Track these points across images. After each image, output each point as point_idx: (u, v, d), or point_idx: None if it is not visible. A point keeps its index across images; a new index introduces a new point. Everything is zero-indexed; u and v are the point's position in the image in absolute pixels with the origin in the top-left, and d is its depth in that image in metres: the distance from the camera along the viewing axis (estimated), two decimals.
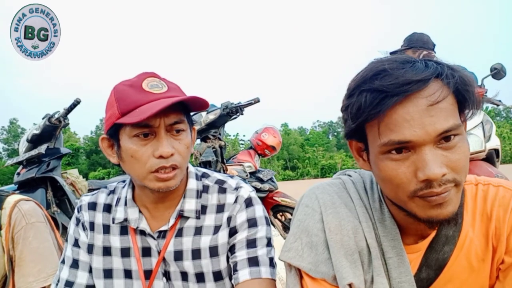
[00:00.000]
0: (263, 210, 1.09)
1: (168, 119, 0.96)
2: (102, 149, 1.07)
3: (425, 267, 0.85)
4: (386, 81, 0.70)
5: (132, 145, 0.97)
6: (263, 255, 1.02)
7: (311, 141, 48.91)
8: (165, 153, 0.95)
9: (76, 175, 2.98)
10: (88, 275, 1.10)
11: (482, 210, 0.84)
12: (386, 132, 0.71)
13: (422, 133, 0.69)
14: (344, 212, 0.87)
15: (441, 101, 0.69)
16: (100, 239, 1.09)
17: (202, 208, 1.07)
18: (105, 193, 1.15)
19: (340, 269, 0.82)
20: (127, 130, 0.97)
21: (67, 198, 2.73)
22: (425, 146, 0.70)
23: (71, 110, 2.74)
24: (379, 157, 0.75)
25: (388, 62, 0.73)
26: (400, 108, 0.70)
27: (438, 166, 0.69)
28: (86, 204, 1.14)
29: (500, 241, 0.81)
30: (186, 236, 1.05)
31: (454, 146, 0.71)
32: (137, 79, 1.01)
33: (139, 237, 1.07)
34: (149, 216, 1.08)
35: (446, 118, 0.69)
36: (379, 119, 0.71)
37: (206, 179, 1.13)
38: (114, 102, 0.98)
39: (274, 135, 4.45)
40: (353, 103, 0.75)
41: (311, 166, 37.78)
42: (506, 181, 0.87)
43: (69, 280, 1.09)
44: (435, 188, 0.70)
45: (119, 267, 1.07)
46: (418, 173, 0.70)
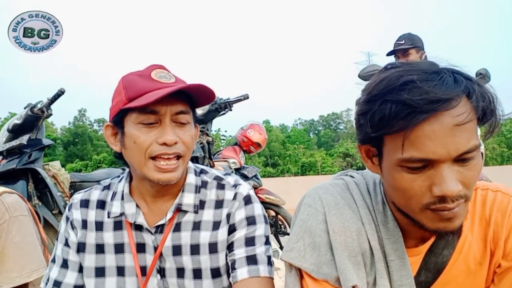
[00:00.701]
0: (261, 208, 1.09)
1: (174, 107, 0.97)
2: (105, 137, 1.06)
3: (424, 270, 0.86)
4: (415, 95, 0.67)
5: (136, 131, 0.96)
6: (262, 253, 1.02)
7: (292, 139, 49.18)
8: (169, 140, 0.95)
9: (58, 167, 2.90)
10: (77, 275, 1.08)
11: (481, 215, 0.85)
12: (408, 148, 0.69)
13: (444, 153, 0.68)
14: (347, 213, 0.87)
15: (468, 122, 0.68)
16: (93, 237, 1.07)
17: (200, 203, 1.07)
18: (99, 189, 1.13)
19: (344, 270, 0.81)
20: (132, 116, 0.97)
21: (49, 191, 2.66)
22: (444, 164, 0.69)
23: (55, 100, 2.65)
24: (396, 168, 0.73)
25: (416, 73, 0.70)
26: (426, 125, 0.67)
27: (455, 184, 0.69)
28: (77, 202, 1.12)
29: (498, 245, 0.83)
30: (185, 230, 1.04)
31: (469, 164, 0.71)
32: (146, 69, 1.01)
33: (134, 232, 1.06)
34: (146, 210, 1.06)
35: (468, 139, 0.69)
36: (404, 134, 0.69)
37: (204, 175, 1.13)
38: (121, 90, 0.98)
39: (260, 132, 4.45)
40: (375, 111, 0.72)
41: (291, 164, 38.02)
42: (504, 186, 0.88)
43: (58, 280, 1.08)
44: (448, 204, 0.71)
45: (112, 264, 1.06)
46: (434, 188, 0.70)
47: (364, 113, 0.75)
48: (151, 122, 0.96)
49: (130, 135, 0.97)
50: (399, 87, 0.69)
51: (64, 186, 2.84)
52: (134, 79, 0.99)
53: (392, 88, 0.70)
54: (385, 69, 0.77)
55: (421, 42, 3.00)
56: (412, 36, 3.01)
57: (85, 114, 60.18)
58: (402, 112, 0.67)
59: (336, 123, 71.83)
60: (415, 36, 3.02)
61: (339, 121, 71.82)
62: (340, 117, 71.85)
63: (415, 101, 0.66)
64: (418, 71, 0.70)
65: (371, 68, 2.72)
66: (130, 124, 0.97)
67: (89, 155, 44.67)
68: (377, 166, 0.81)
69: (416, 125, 0.67)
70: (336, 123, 71.83)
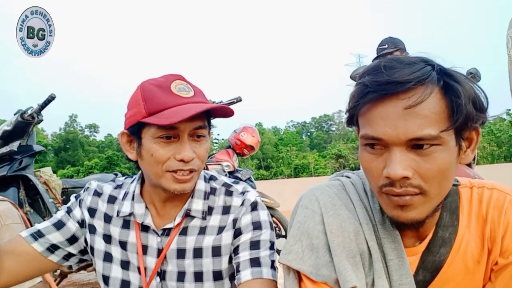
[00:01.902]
0: (267, 215, 1.10)
1: (193, 124, 0.98)
2: (121, 144, 1.07)
3: (422, 269, 0.85)
4: (373, 78, 0.73)
5: (154, 145, 0.98)
6: (265, 256, 1.03)
7: (284, 141, 49.23)
8: (187, 157, 0.97)
9: (50, 173, 2.87)
10: (62, 240, 1.09)
11: (478, 213, 0.85)
12: (364, 126, 0.75)
13: (393, 135, 0.71)
14: (345, 214, 0.86)
15: (415, 106, 0.69)
16: (101, 226, 1.10)
17: (208, 209, 1.08)
18: (112, 186, 1.16)
19: (343, 272, 0.80)
20: (151, 130, 0.98)
21: (40, 198, 2.63)
22: (396, 147, 0.72)
23: (46, 106, 2.63)
24: (361, 147, 0.79)
25: (389, 61, 0.75)
26: (380, 106, 0.72)
27: (401, 168, 0.71)
28: (92, 189, 1.15)
29: (495, 243, 0.82)
30: (190, 235, 1.06)
31: (428, 155, 0.71)
32: (165, 80, 1.01)
33: (141, 233, 1.07)
34: (155, 213, 1.08)
35: (420, 126, 0.69)
36: (362, 111, 0.76)
37: (213, 182, 1.14)
38: (140, 101, 0.98)
39: (253, 135, 4.43)
40: (352, 92, 0.79)
41: (284, 166, 38.05)
42: (499, 184, 0.88)
43: (42, 232, 1.08)
44: (395, 188, 0.72)
45: (117, 256, 1.08)
46: (384, 169, 0.73)
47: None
48: (170, 136, 0.97)
49: (147, 148, 0.98)
50: (368, 72, 0.76)
51: (56, 193, 2.81)
52: (153, 91, 0.99)
53: (363, 74, 0.77)
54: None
55: (403, 44, 3.06)
56: (394, 39, 3.07)
57: (76, 120, 59.82)
58: (362, 92, 0.74)
59: (328, 125, 72.17)
60: (396, 39, 3.08)
61: (331, 122, 72.19)
62: (332, 119, 72.22)
63: (370, 82, 0.73)
64: (394, 61, 0.74)
65: (363, 69, 2.73)
66: (148, 137, 0.98)
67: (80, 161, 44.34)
68: None
69: (369, 104, 0.73)
70: (328, 125, 72.17)
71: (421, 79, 0.70)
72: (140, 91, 1.00)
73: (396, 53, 2.97)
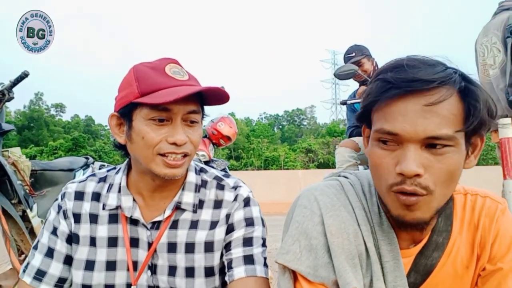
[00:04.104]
0: (259, 211, 1.09)
1: (187, 107, 0.95)
2: (110, 127, 1.02)
3: (413, 272, 0.87)
4: (397, 75, 0.73)
5: (146, 127, 0.94)
6: (258, 253, 1.02)
7: (256, 132, 49.24)
8: (179, 140, 0.94)
9: (19, 154, 2.73)
10: (62, 267, 1.04)
11: (470, 219, 0.87)
12: (381, 120, 0.76)
13: (411, 131, 0.71)
14: (344, 215, 0.86)
15: (436, 104, 0.71)
16: (87, 229, 1.04)
17: (199, 203, 1.06)
18: (94, 181, 1.10)
19: (344, 274, 0.80)
20: (143, 111, 0.94)
21: (8, 179, 2.48)
22: (411, 144, 0.72)
23: (18, 83, 2.48)
24: (373, 143, 0.78)
25: (411, 60, 0.75)
26: (401, 103, 0.73)
27: (414, 164, 0.71)
28: (72, 192, 1.07)
29: (484, 250, 0.85)
30: (181, 229, 1.03)
31: (441, 155, 0.73)
32: (159, 62, 0.98)
33: (129, 226, 1.03)
34: (143, 204, 1.04)
35: (439, 125, 0.71)
36: (379, 107, 0.76)
37: (204, 174, 1.11)
38: (133, 81, 0.95)
39: (231, 126, 4.39)
40: (368, 89, 0.79)
41: (255, 157, 38.11)
42: (492, 193, 0.91)
43: (41, 269, 1.03)
44: (406, 185, 0.73)
45: (102, 259, 1.03)
46: (397, 166, 0.73)
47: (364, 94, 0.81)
48: (162, 119, 0.94)
49: (138, 130, 0.95)
50: (389, 69, 0.76)
51: (25, 175, 2.68)
52: (147, 72, 0.95)
53: (384, 69, 0.77)
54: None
55: (368, 50, 3.13)
56: (359, 47, 3.13)
57: (41, 98, 57.55)
58: (383, 88, 0.75)
59: (300, 119, 72.77)
60: (361, 46, 3.14)
61: (303, 117, 72.82)
62: (304, 113, 72.87)
63: (394, 79, 0.73)
64: (415, 60, 0.76)
65: (346, 67, 2.76)
66: (139, 119, 0.95)
67: (44, 141, 42.76)
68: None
69: (390, 99, 0.74)
70: (300, 119, 72.77)
71: (445, 80, 0.72)
72: (133, 72, 0.98)
73: (364, 60, 3.06)
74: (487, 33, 2.57)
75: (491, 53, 2.43)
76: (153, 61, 1.01)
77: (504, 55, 2.35)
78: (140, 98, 0.93)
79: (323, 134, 45.47)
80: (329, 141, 36.90)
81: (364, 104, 0.79)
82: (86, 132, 51.44)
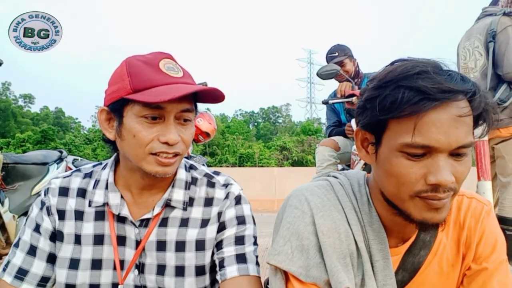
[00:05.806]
0: (250, 209, 1.08)
1: (180, 105, 0.92)
2: (99, 121, 0.98)
3: (401, 270, 0.88)
4: (429, 83, 0.70)
5: (137, 125, 0.91)
6: (250, 252, 1.01)
7: (232, 129, 49.09)
8: (171, 140, 0.91)
9: None
10: (45, 265, 1.00)
11: (456, 219, 0.90)
12: (407, 133, 0.72)
13: (445, 142, 0.71)
14: (335, 214, 0.86)
15: (468, 116, 0.72)
16: (71, 226, 1.00)
17: (189, 200, 1.03)
18: (80, 177, 1.05)
19: (336, 273, 0.81)
20: (135, 108, 0.90)
21: None
22: (442, 154, 0.72)
23: None
24: (395, 153, 0.75)
25: (430, 66, 0.73)
26: (433, 113, 0.70)
27: (449, 174, 0.72)
28: (56, 188, 1.03)
29: (469, 249, 0.88)
30: (171, 226, 1.00)
31: (463, 159, 0.74)
32: (153, 57, 0.94)
33: (116, 224, 0.99)
34: (131, 201, 1.01)
35: (466, 134, 0.72)
36: (412, 119, 0.71)
37: (194, 171, 1.09)
38: (125, 76, 0.91)
39: (210, 122, 4.34)
40: (387, 95, 0.73)
41: (230, 154, 38.01)
42: (477, 194, 0.94)
43: (23, 268, 0.99)
44: (440, 193, 0.73)
45: (87, 257, 0.99)
46: (430, 176, 0.72)
47: (373, 98, 0.76)
48: (155, 117, 0.90)
49: (129, 128, 0.91)
50: (414, 75, 0.72)
51: None
52: (140, 67, 0.91)
53: (407, 75, 0.72)
54: (391, 64, 0.80)
55: (350, 50, 3.09)
56: (342, 47, 3.08)
57: (9, 88, 55.51)
58: (415, 98, 0.70)
59: (276, 117, 73.15)
60: (344, 46, 3.10)
61: (278, 114, 73.22)
62: (280, 111, 73.27)
63: (429, 89, 0.69)
64: (432, 65, 0.74)
65: (329, 67, 2.75)
66: (130, 116, 0.91)
67: (11, 133, 41.23)
68: (372, 154, 0.82)
69: (426, 111, 0.70)
70: (276, 117, 73.15)
71: (473, 91, 0.73)
72: (125, 66, 0.93)
73: (346, 60, 3.00)
74: (470, 37, 2.64)
75: (473, 56, 2.50)
76: (146, 54, 0.97)
77: (485, 59, 2.42)
78: (132, 95, 0.89)
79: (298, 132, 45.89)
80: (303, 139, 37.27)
81: (387, 114, 0.73)
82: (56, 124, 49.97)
